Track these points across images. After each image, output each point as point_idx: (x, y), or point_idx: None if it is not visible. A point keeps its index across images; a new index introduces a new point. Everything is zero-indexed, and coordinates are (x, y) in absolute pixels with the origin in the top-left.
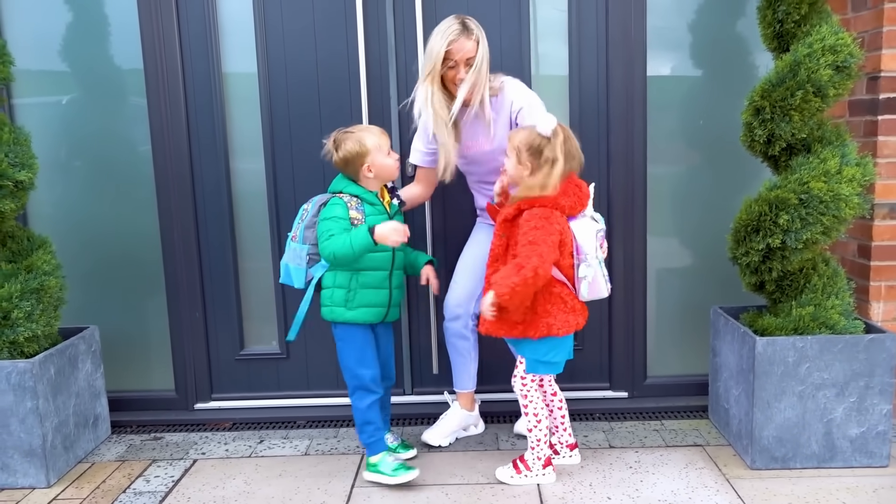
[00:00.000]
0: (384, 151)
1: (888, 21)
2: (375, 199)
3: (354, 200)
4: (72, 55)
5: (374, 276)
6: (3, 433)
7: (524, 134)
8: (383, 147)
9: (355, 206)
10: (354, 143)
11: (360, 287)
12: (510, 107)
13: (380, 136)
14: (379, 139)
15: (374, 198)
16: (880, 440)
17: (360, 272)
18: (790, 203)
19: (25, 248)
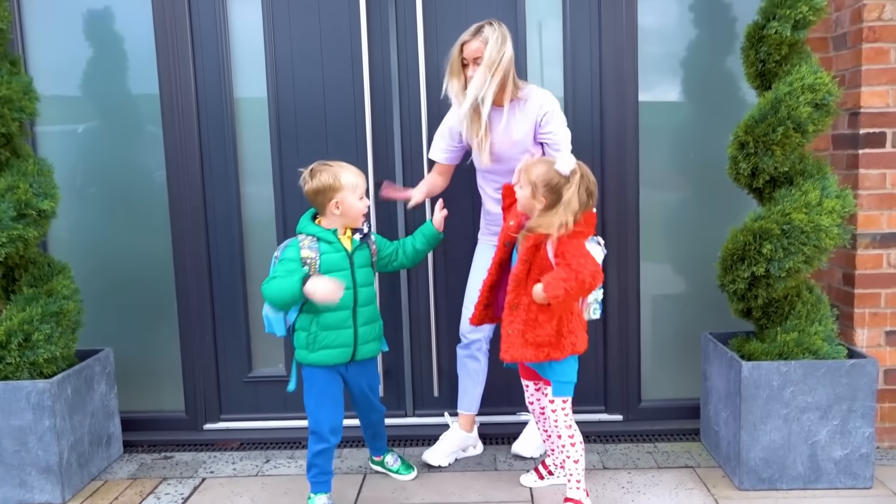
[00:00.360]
0: (357, 193)
1: (866, 60)
2: (332, 237)
3: (308, 239)
4: (89, 84)
5: (333, 317)
6: (21, 450)
7: (543, 169)
8: (358, 189)
9: (308, 245)
10: (329, 176)
11: (320, 329)
12: (538, 110)
13: (357, 176)
14: (356, 179)
15: (331, 236)
16: (864, 462)
17: (320, 314)
18: (773, 233)
19: (46, 273)
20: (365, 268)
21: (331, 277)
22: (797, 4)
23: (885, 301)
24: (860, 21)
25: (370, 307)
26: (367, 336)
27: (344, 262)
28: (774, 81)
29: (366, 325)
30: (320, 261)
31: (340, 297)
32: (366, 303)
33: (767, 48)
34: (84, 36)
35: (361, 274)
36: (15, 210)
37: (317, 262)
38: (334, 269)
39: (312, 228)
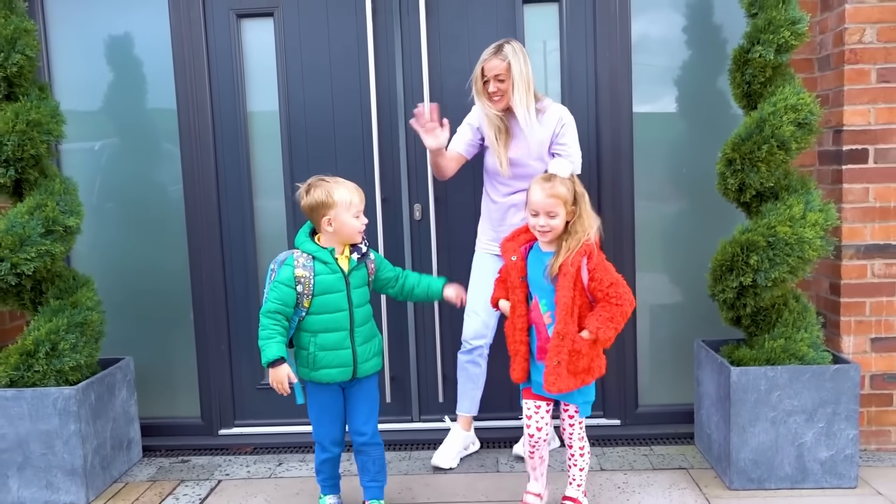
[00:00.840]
0: (352, 211)
1: (848, 81)
2: (329, 257)
3: (304, 257)
4: (109, 102)
5: (331, 338)
6: (48, 453)
7: (561, 185)
8: (353, 206)
9: (303, 264)
10: (323, 193)
11: (318, 349)
12: (557, 121)
13: (353, 193)
14: (351, 196)
15: (327, 255)
16: (848, 463)
17: (317, 334)
18: (759, 245)
19: (71, 286)
20: (361, 288)
21: (288, 371)
22: (780, 30)
23: (869, 309)
24: (842, 44)
25: (367, 325)
26: (367, 354)
27: (339, 284)
28: (760, 102)
29: (364, 344)
30: (314, 281)
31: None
32: (363, 322)
33: (752, 70)
34: (105, 57)
35: (358, 294)
36: (43, 227)
37: (311, 283)
38: (329, 290)
39: (309, 246)
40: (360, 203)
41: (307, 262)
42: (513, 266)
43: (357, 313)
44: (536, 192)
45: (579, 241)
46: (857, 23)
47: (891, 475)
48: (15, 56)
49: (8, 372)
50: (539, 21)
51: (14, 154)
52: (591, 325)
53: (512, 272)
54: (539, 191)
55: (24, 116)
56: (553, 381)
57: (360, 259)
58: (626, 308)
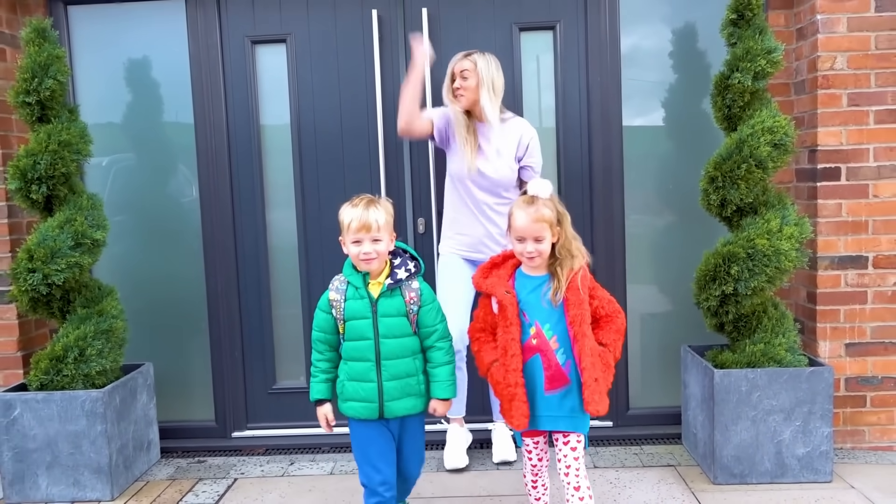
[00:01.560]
0: (350, 236)
1: (821, 104)
2: (359, 282)
3: (339, 280)
4: (129, 120)
5: (356, 368)
6: (76, 453)
7: (545, 209)
8: (350, 231)
9: (336, 287)
10: (339, 213)
11: (347, 378)
12: (521, 137)
13: (351, 216)
14: (349, 219)
15: (358, 279)
16: (824, 458)
17: (348, 362)
18: (739, 256)
19: (97, 295)
20: (394, 317)
21: (327, 412)
22: (756, 59)
23: (843, 316)
24: (816, 70)
25: (402, 361)
26: (396, 392)
27: (366, 310)
28: (739, 124)
29: (394, 381)
30: (344, 306)
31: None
32: (393, 356)
33: (732, 95)
34: (125, 78)
35: (387, 324)
36: (73, 240)
37: (342, 307)
38: (356, 316)
39: (346, 269)
40: (358, 229)
41: (342, 285)
42: (510, 302)
43: (385, 345)
44: (521, 217)
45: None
46: (828, 51)
47: (864, 471)
48: (48, 81)
49: (39, 376)
50: (535, 46)
51: (46, 172)
52: (606, 338)
53: (509, 308)
54: (524, 216)
55: (55, 137)
56: (597, 400)
57: (392, 286)
58: (623, 320)
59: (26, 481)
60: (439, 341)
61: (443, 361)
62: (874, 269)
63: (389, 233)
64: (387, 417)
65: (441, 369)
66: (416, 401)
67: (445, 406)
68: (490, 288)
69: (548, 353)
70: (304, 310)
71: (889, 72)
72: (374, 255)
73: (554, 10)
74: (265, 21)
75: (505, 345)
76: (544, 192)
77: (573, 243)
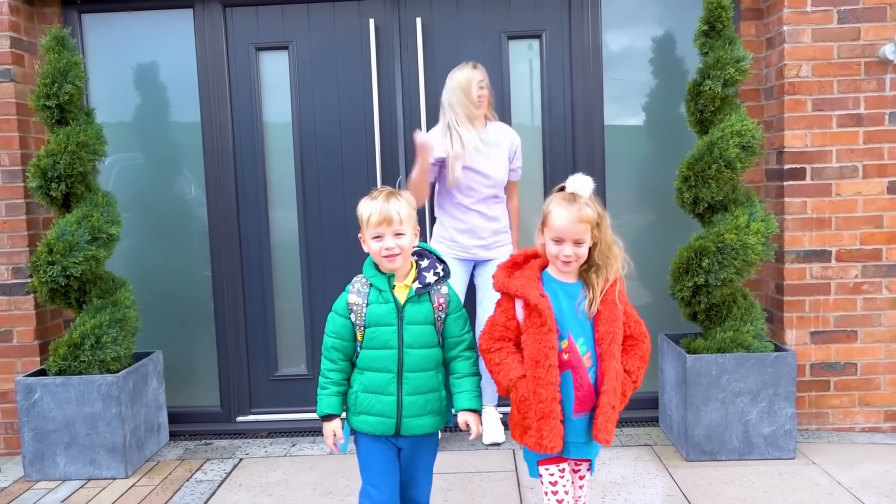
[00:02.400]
0: (370, 231)
1: (788, 109)
2: (384, 284)
3: (360, 282)
4: (139, 120)
5: (374, 379)
6: (92, 433)
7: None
8: (370, 226)
9: (358, 290)
10: (357, 208)
11: (361, 390)
12: (511, 142)
13: (370, 209)
14: (368, 213)
15: (383, 282)
16: (787, 437)
17: (364, 372)
18: (710, 250)
19: (111, 287)
20: (420, 325)
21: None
22: (726, 67)
23: (808, 307)
24: (782, 77)
25: (426, 374)
26: (417, 408)
27: (390, 317)
28: (710, 127)
29: (415, 396)
30: (366, 311)
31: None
32: (417, 368)
33: (704, 101)
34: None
35: (413, 333)
36: (89, 234)
37: (363, 311)
38: (380, 322)
39: (368, 270)
40: (378, 223)
41: (363, 287)
42: (546, 306)
43: (409, 355)
44: (561, 216)
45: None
46: (794, 60)
47: (825, 449)
48: (66, 86)
49: (57, 362)
50: (522, 54)
51: (65, 171)
52: (630, 365)
53: (546, 313)
54: (565, 215)
55: (74, 138)
56: (610, 429)
57: (421, 290)
58: (649, 346)
59: (46, 460)
60: (466, 351)
61: (469, 372)
62: (837, 263)
63: (413, 226)
64: (403, 435)
65: (468, 380)
66: (436, 419)
67: (477, 418)
68: (520, 290)
69: (580, 370)
70: (304, 304)
71: (850, 79)
72: (397, 251)
73: (540, 20)
74: (268, 29)
75: (537, 355)
76: (585, 189)
77: (612, 248)
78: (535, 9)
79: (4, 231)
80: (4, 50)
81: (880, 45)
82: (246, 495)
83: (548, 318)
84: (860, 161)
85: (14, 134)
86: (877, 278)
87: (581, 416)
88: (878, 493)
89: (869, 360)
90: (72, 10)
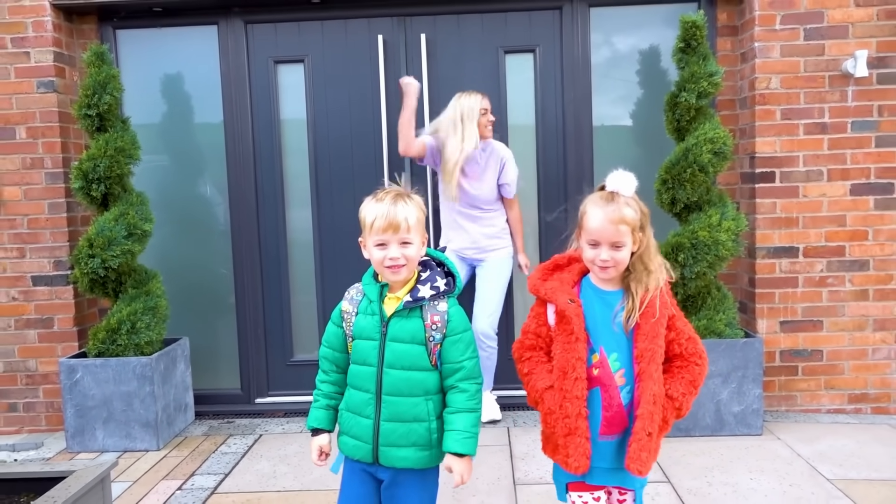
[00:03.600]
0: (373, 237)
1: (759, 118)
2: (374, 294)
3: (356, 289)
4: (166, 124)
5: (355, 398)
6: (127, 410)
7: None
8: (374, 232)
9: (352, 297)
10: (360, 210)
11: (345, 408)
12: (500, 158)
13: (375, 213)
14: (372, 217)
15: (374, 292)
16: (755, 415)
17: (349, 388)
18: (685, 246)
19: (144, 278)
20: (405, 344)
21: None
22: (700, 81)
23: (778, 298)
24: (754, 89)
25: (408, 400)
26: (396, 437)
27: (373, 331)
28: (686, 135)
29: (395, 423)
30: (354, 321)
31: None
32: (397, 392)
33: (680, 111)
34: (163, 90)
35: (395, 351)
36: (126, 230)
37: (352, 321)
38: (362, 335)
39: (366, 276)
40: (384, 228)
41: (357, 295)
42: (575, 312)
43: (389, 375)
44: (596, 217)
45: (658, 279)
46: (764, 73)
47: (791, 427)
48: (106, 97)
49: (97, 345)
50: (518, 66)
51: (104, 173)
52: (675, 390)
53: (575, 320)
54: (601, 215)
55: (112, 144)
56: (645, 458)
57: (410, 304)
58: (705, 368)
59: (86, 434)
60: (464, 381)
61: (465, 408)
62: (804, 258)
63: (421, 234)
64: (382, 464)
65: (461, 417)
66: (421, 454)
67: (464, 465)
68: (549, 294)
69: (610, 388)
70: (317, 296)
71: (815, 91)
72: (402, 262)
73: (534, 36)
74: (286, 44)
75: (565, 365)
76: (627, 187)
77: (652, 254)
78: (529, 26)
79: (47, 227)
80: (48, 63)
81: (843, 60)
82: (267, 464)
83: (576, 325)
84: (825, 166)
85: (57, 139)
86: (840, 272)
87: (608, 440)
88: (832, 463)
89: (834, 347)
90: (107, 26)
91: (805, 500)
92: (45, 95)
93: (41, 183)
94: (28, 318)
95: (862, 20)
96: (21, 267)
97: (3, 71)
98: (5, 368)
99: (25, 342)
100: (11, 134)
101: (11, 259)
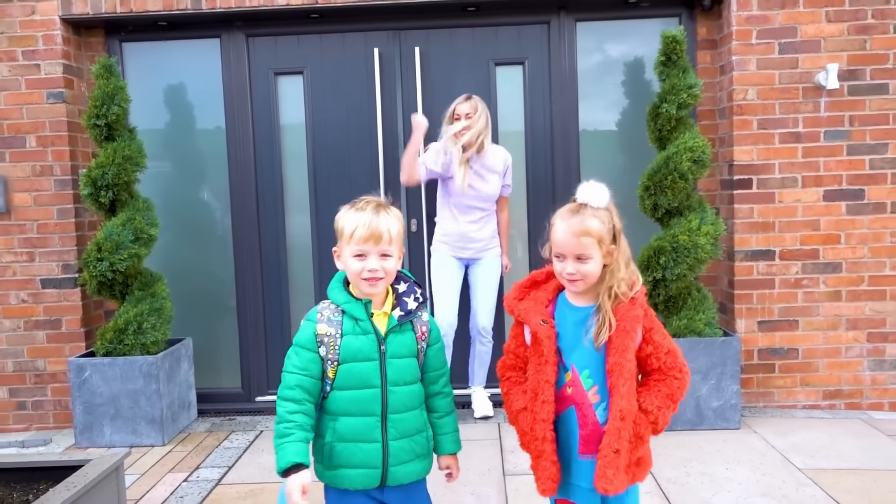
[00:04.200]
0: (352, 248)
1: (736, 128)
2: (361, 313)
3: (330, 309)
4: (169, 133)
5: (354, 425)
6: (134, 407)
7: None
8: (353, 241)
9: (328, 318)
10: (337, 218)
11: (336, 440)
12: (504, 162)
13: (357, 222)
14: (353, 227)
15: (359, 310)
16: (733, 410)
17: (338, 418)
18: (666, 249)
19: (149, 280)
20: (405, 359)
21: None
22: (680, 93)
23: (756, 299)
24: (732, 100)
25: (412, 414)
26: (404, 454)
27: (371, 350)
28: (667, 144)
29: (402, 440)
30: (340, 343)
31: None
32: (403, 408)
33: (661, 121)
34: (167, 100)
35: (397, 367)
36: (133, 235)
37: (336, 343)
38: (358, 357)
39: (338, 295)
40: (365, 239)
41: (334, 315)
42: (546, 335)
43: (394, 394)
44: (560, 229)
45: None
46: (742, 85)
47: (767, 422)
48: (113, 108)
49: (105, 344)
50: (508, 78)
51: (113, 180)
52: (649, 403)
53: (545, 342)
54: (565, 228)
55: (120, 153)
56: (611, 476)
57: (404, 318)
58: (685, 382)
59: (94, 430)
60: (447, 386)
61: (450, 409)
62: (780, 261)
63: (400, 248)
64: (389, 486)
65: (451, 419)
66: (424, 463)
67: (456, 462)
68: (523, 315)
69: (584, 406)
70: (315, 300)
71: (790, 102)
72: (381, 274)
73: (523, 49)
74: (286, 56)
75: (535, 387)
76: (597, 198)
77: (621, 265)
78: (518, 39)
79: (56, 232)
80: (58, 75)
81: (815, 73)
82: (268, 458)
83: (545, 347)
84: (799, 173)
85: (65, 148)
86: (815, 274)
87: (587, 458)
88: (804, 454)
89: (809, 345)
90: (114, 39)
91: (776, 488)
92: (55, 106)
93: (50, 189)
94: (37, 320)
95: (833, 35)
96: (30, 270)
97: (14, 82)
98: (15, 368)
99: (34, 343)
100: (22, 142)
101: (21, 263)
